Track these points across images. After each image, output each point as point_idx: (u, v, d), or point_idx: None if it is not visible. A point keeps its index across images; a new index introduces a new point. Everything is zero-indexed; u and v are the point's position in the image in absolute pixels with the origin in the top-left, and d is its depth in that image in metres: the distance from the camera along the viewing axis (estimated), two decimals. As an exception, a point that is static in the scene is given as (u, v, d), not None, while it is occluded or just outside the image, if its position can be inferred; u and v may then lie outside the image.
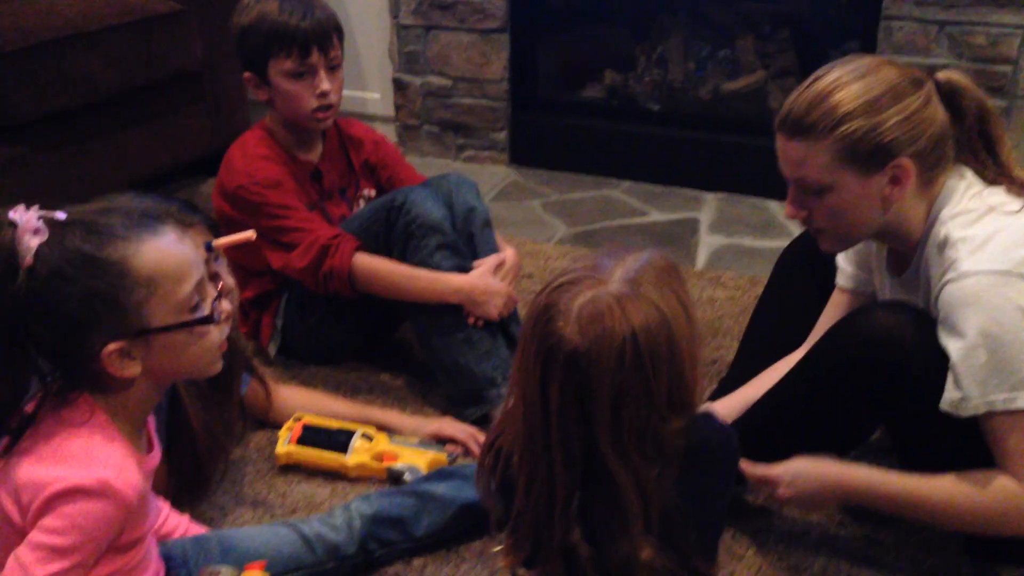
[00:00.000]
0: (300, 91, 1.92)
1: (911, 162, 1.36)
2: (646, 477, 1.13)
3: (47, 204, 1.12)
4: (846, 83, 1.37)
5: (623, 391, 1.10)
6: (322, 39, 1.90)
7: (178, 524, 1.40)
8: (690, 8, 3.10)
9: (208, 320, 1.18)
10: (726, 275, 2.45)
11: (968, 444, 1.36)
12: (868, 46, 2.76)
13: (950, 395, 1.33)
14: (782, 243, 1.90)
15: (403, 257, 1.88)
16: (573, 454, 1.12)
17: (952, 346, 1.33)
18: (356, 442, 1.71)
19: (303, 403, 1.83)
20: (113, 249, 1.10)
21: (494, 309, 1.85)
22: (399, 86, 3.23)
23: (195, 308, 1.16)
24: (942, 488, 1.37)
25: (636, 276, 1.13)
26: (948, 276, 1.34)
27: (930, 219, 1.41)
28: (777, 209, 2.86)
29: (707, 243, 2.67)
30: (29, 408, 1.12)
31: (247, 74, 1.96)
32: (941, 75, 1.41)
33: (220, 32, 2.91)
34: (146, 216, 1.15)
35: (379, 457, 1.71)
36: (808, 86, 1.40)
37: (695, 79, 3.11)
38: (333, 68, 1.94)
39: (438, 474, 1.62)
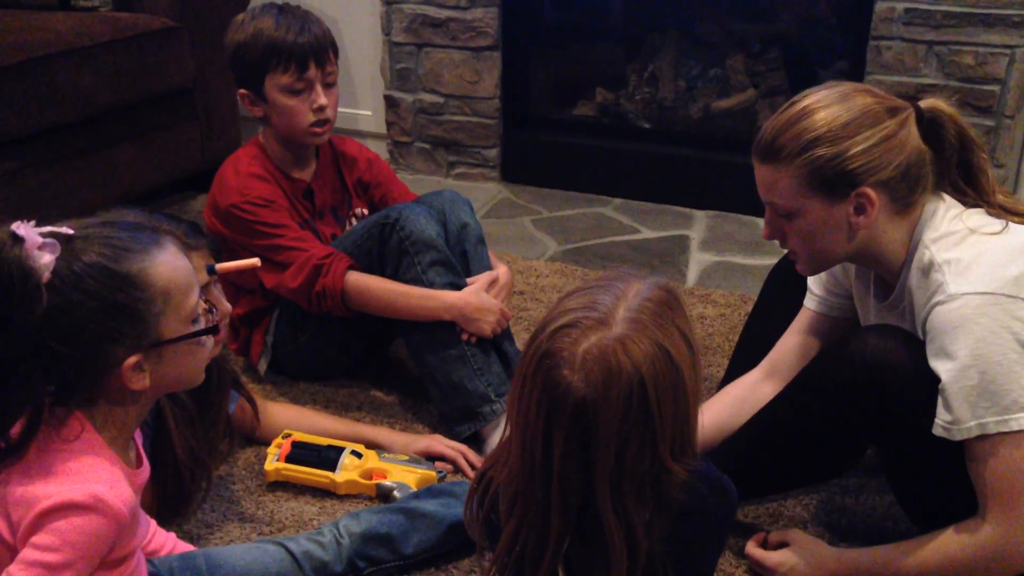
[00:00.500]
0: (297, 106, 1.91)
1: (875, 192, 1.36)
2: (637, 523, 1.11)
3: (39, 220, 1.11)
4: (817, 109, 1.38)
5: (628, 437, 1.07)
6: (319, 54, 1.90)
7: (165, 541, 1.39)
8: (681, 27, 3.12)
9: (213, 331, 1.20)
10: (716, 292, 2.46)
11: (958, 466, 1.36)
12: (857, 66, 2.77)
13: (942, 418, 1.33)
14: (772, 261, 1.91)
15: (396, 274, 1.88)
16: (571, 502, 1.10)
17: (942, 368, 1.33)
18: (345, 459, 1.71)
19: (291, 420, 1.82)
20: (130, 262, 1.11)
21: (487, 326, 1.85)
22: (391, 103, 3.24)
23: (195, 320, 1.17)
24: (937, 550, 1.38)
25: (638, 315, 1.10)
26: (936, 299, 1.34)
27: (912, 243, 1.42)
28: (767, 227, 2.86)
29: (697, 260, 2.68)
30: (16, 429, 1.11)
31: (242, 91, 1.95)
32: (924, 103, 1.41)
33: (212, 48, 2.92)
34: (149, 230, 1.16)
35: (368, 474, 1.70)
36: (782, 111, 1.41)
37: (686, 97, 3.12)
38: (329, 84, 1.94)
39: (427, 491, 1.61)
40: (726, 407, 1.66)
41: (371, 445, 1.78)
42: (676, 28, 3.12)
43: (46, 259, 1.06)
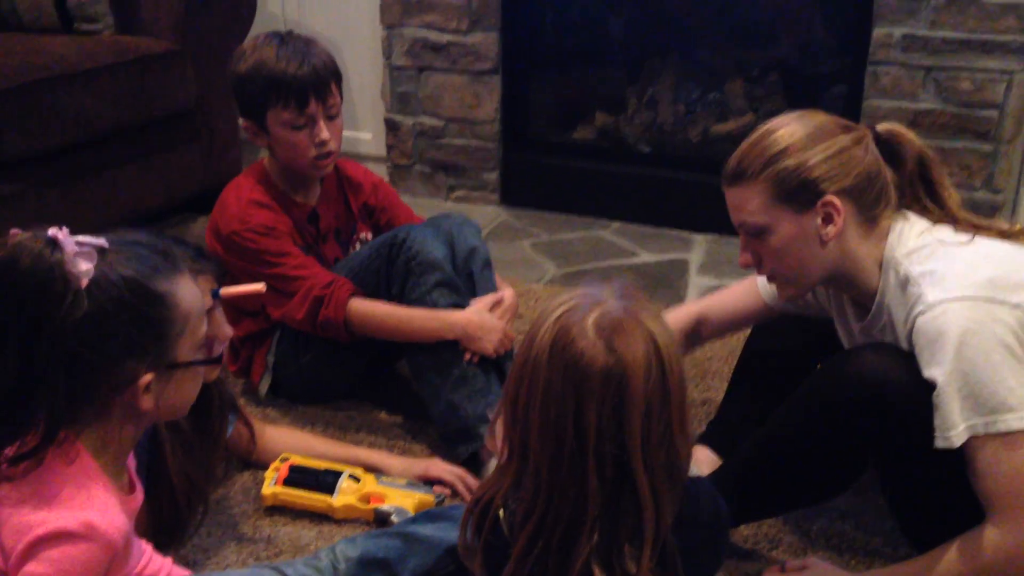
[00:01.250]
0: (299, 141, 1.91)
1: (840, 200, 1.41)
2: (666, 501, 1.11)
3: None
4: (776, 128, 1.45)
5: (651, 399, 1.09)
6: (320, 89, 1.89)
7: (161, 566, 1.38)
8: (680, 51, 3.14)
9: (218, 360, 1.20)
10: (715, 316, 2.46)
11: (959, 482, 1.36)
12: (855, 90, 2.79)
13: (938, 427, 1.34)
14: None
15: (402, 293, 1.89)
16: (607, 475, 1.10)
17: (932, 376, 1.34)
18: (343, 483, 1.71)
19: (288, 443, 1.82)
20: (159, 281, 1.12)
21: (490, 345, 1.85)
22: (391, 126, 3.25)
23: (200, 349, 1.18)
24: (947, 565, 1.37)
25: (627, 292, 1.14)
26: (917, 309, 1.37)
27: (884, 263, 1.45)
28: (766, 251, 2.87)
29: (696, 284, 2.68)
30: (10, 451, 1.11)
31: (245, 122, 1.96)
32: (881, 126, 1.48)
33: (213, 71, 2.94)
34: (169, 254, 1.17)
35: (366, 498, 1.70)
36: (745, 141, 1.48)
37: (685, 121, 3.14)
38: (332, 116, 1.92)
39: (425, 515, 1.60)
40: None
41: (369, 469, 1.78)
42: (675, 52, 3.14)
43: (84, 266, 1.07)
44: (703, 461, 1.76)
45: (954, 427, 1.32)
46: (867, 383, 1.39)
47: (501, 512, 1.17)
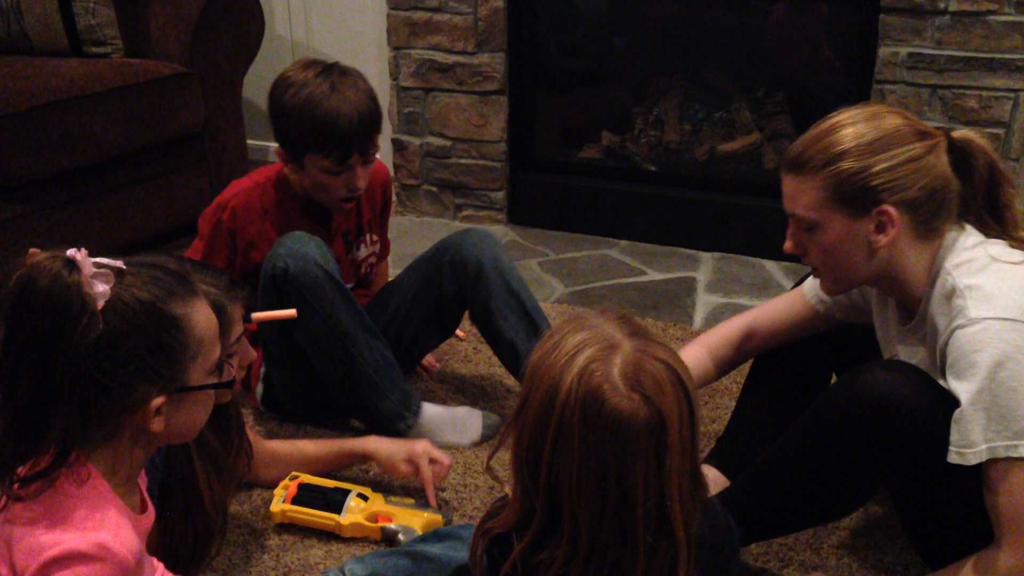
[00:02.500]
0: (333, 183, 1.92)
1: (897, 211, 1.38)
2: (693, 533, 1.10)
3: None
4: (846, 125, 1.40)
5: (684, 437, 1.08)
6: (364, 141, 1.88)
7: None
8: (686, 70, 3.15)
9: (231, 384, 1.20)
10: (723, 335, 2.45)
11: (970, 500, 1.35)
12: (861, 108, 2.79)
13: (955, 442, 1.32)
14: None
15: (299, 321, 1.87)
16: (651, 528, 1.08)
17: (959, 390, 1.33)
18: (351, 502, 1.70)
19: (279, 450, 1.82)
20: (175, 305, 1.12)
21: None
22: (398, 146, 3.27)
23: (213, 372, 1.19)
24: None
25: (632, 326, 1.12)
26: (957, 322, 1.35)
27: (933, 270, 1.42)
28: (774, 269, 2.87)
29: (704, 302, 2.68)
30: (22, 471, 1.11)
31: (279, 149, 1.96)
32: (957, 133, 1.43)
33: (221, 94, 2.96)
34: (186, 278, 1.17)
35: (374, 517, 1.70)
36: (814, 127, 1.43)
37: (691, 140, 3.14)
38: (368, 162, 1.93)
39: (433, 535, 1.60)
40: (709, 352, 1.78)
41: (360, 456, 1.79)
42: (682, 72, 3.15)
43: (100, 288, 1.07)
44: (711, 481, 1.75)
45: (973, 445, 1.31)
46: (878, 401, 1.38)
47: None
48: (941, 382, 1.40)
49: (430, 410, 1.97)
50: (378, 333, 1.95)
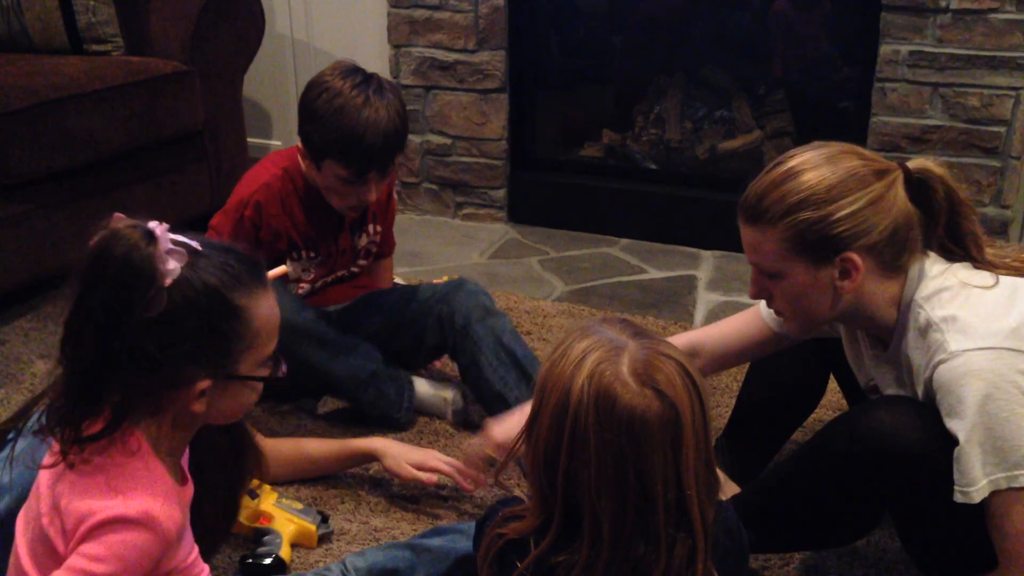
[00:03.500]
0: (347, 192, 1.92)
1: (860, 256, 1.35)
2: (710, 527, 1.11)
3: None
4: (801, 171, 1.35)
5: (698, 430, 1.08)
6: (385, 160, 1.89)
7: (203, 570, 1.37)
8: (687, 69, 3.15)
9: (278, 381, 1.22)
10: (724, 333, 2.45)
11: (975, 531, 1.34)
12: (863, 107, 2.79)
13: (958, 482, 1.30)
14: (779, 301, 1.90)
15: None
16: (672, 522, 1.08)
17: (953, 428, 1.30)
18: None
19: (285, 450, 1.81)
20: (239, 294, 1.13)
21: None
22: (399, 145, 3.26)
23: (263, 365, 1.19)
24: None
25: (634, 326, 1.13)
26: (938, 357, 1.32)
27: (904, 302, 1.39)
28: (774, 267, 2.87)
29: (705, 300, 2.68)
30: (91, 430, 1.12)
31: (301, 146, 1.95)
32: (913, 163, 1.39)
33: (222, 92, 2.96)
34: (259, 267, 1.19)
35: (255, 516, 1.67)
36: (767, 172, 1.39)
37: (692, 139, 3.14)
38: (384, 178, 1.94)
39: (433, 531, 1.60)
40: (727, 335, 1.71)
41: (367, 457, 1.79)
42: (682, 70, 3.15)
43: (172, 265, 1.09)
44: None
45: (975, 483, 1.29)
46: (882, 444, 1.35)
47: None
48: None
49: (421, 388, 2.05)
50: (351, 346, 1.98)
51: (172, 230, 1.12)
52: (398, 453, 1.77)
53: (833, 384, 1.81)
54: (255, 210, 1.97)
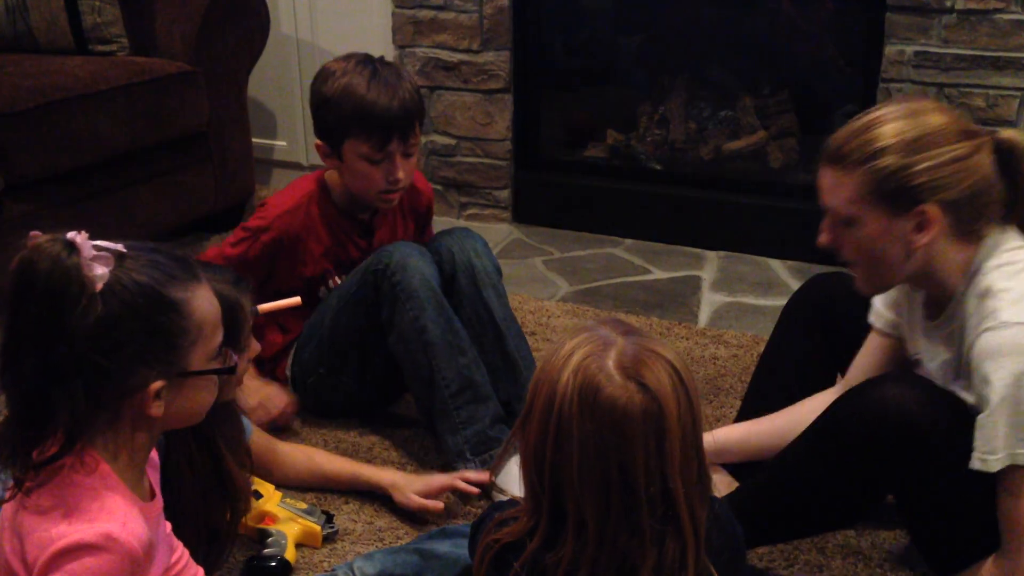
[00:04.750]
0: (372, 173, 1.89)
1: (938, 210, 1.35)
2: (701, 524, 1.11)
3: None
4: (889, 120, 1.36)
5: (685, 426, 1.09)
6: (404, 127, 1.86)
7: (196, 572, 1.37)
8: (692, 69, 3.15)
9: (232, 371, 1.21)
10: (728, 333, 2.45)
11: (979, 511, 1.34)
12: (868, 108, 2.78)
13: (977, 448, 1.31)
14: (784, 301, 1.90)
15: (392, 318, 1.87)
16: (656, 515, 1.09)
17: (984, 394, 1.31)
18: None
19: (299, 461, 1.81)
20: (175, 289, 1.12)
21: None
22: (403, 145, 3.26)
23: (214, 360, 1.18)
24: None
25: (627, 327, 1.14)
26: (986, 324, 1.32)
27: (971, 269, 1.39)
28: (779, 268, 2.87)
29: (709, 301, 2.68)
30: (36, 455, 1.11)
31: (318, 142, 1.94)
32: (1003, 134, 1.39)
33: (227, 92, 2.96)
34: (189, 263, 1.18)
35: (260, 517, 1.67)
36: (856, 119, 1.40)
37: (696, 139, 3.14)
38: (409, 154, 1.90)
39: (440, 532, 1.61)
40: (798, 420, 1.61)
41: (377, 488, 1.77)
42: (687, 70, 3.14)
43: (100, 271, 1.07)
44: (719, 482, 1.75)
45: (995, 452, 1.29)
46: (888, 417, 1.36)
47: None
48: (957, 387, 1.39)
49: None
50: (469, 351, 1.88)
51: (92, 237, 1.09)
52: (405, 485, 1.75)
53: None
54: (275, 237, 1.95)
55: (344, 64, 1.89)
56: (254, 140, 3.18)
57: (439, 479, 1.78)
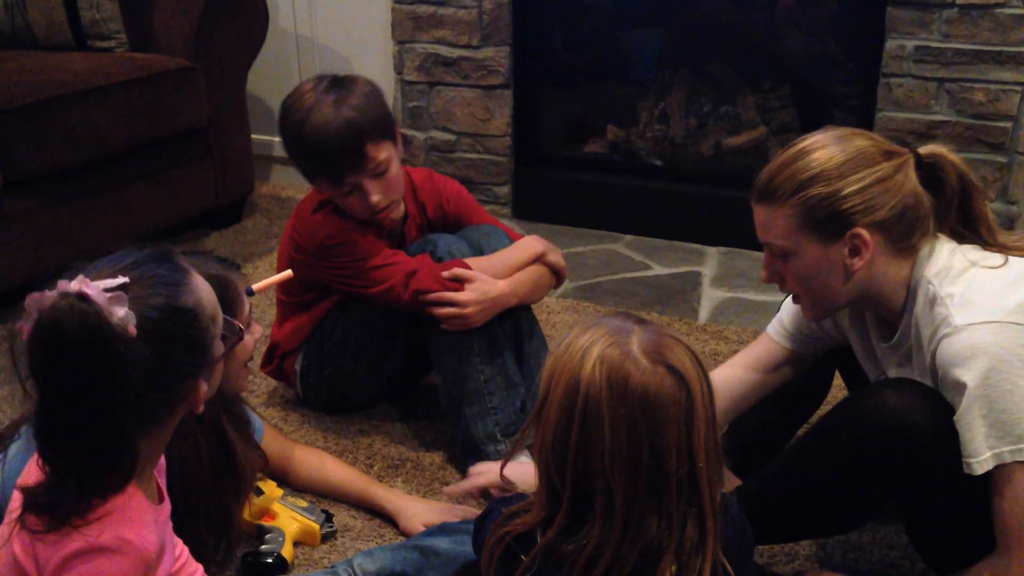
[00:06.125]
0: (350, 203, 1.85)
1: (870, 233, 1.37)
2: (719, 508, 1.13)
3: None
4: (811, 151, 1.39)
5: (708, 408, 1.11)
6: (354, 158, 1.78)
7: (194, 572, 1.36)
8: (692, 65, 3.14)
9: (240, 333, 1.23)
10: (729, 329, 2.45)
11: (977, 513, 1.34)
12: (868, 103, 2.78)
13: (964, 453, 1.31)
14: (783, 297, 1.90)
15: None
16: (683, 495, 1.10)
17: (955, 402, 1.32)
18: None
19: (312, 467, 1.81)
20: (184, 297, 1.11)
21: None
22: (403, 141, 3.25)
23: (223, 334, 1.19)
24: None
25: (638, 318, 1.15)
26: (943, 331, 1.34)
27: (912, 282, 1.41)
28: (779, 263, 2.86)
29: (709, 297, 2.67)
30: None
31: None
32: (924, 149, 1.42)
33: (226, 88, 2.96)
34: (165, 258, 1.16)
35: (260, 513, 1.67)
36: (780, 154, 1.43)
37: (697, 135, 3.13)
38: (379, 174, 1.82)
39: (440, 529, 1.60)
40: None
41: (382, 510, 1.75)
42: (687, 66, 3.14)
43: (121, 312, 1.03)
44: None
45: (977, 454, 1.30)
46: (889, 426, 1.35)
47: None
48: None
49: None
50: (502, 340, 1.88)
51: (88, 275, 1.05)
52: (414, 514, 1.72)
53: (838, 380, 1.80)
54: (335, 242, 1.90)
55: (295, 99, 1.83)
56: (253, 136, 3.17)
57: (450, 510, 1.74)
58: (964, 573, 1.37)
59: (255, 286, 1.50)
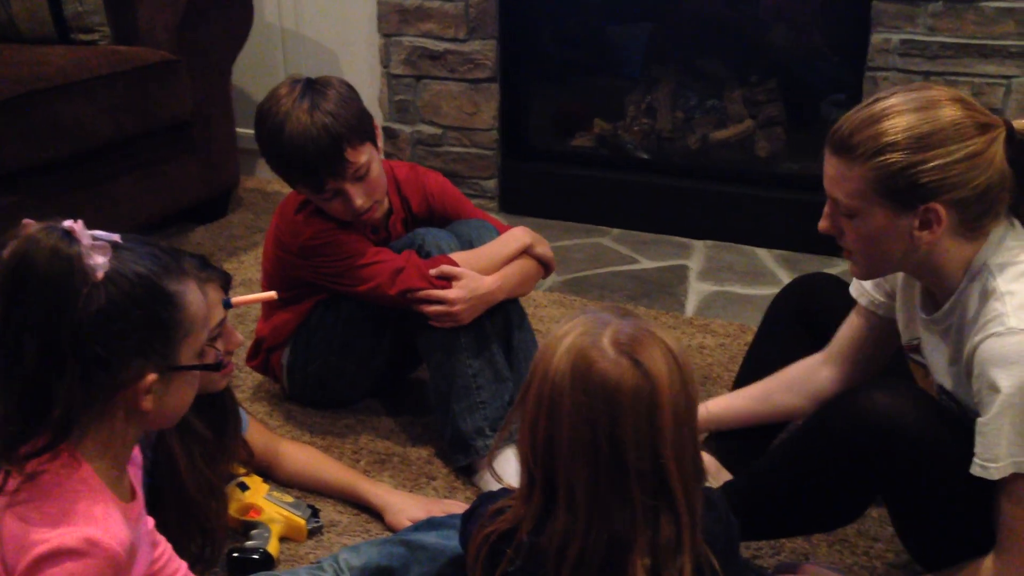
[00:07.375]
0: (332, 207, 1.84)
1: (946, 209, 1.30)
2: (696, 505, 1.11)
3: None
4: (900, 112, 1.30)
5: (678, 407, 1.09)
6: (331, 164, 1.76)
7: (178, 568, 1.36)
8: (679, 58, 3.14)
9: (218, 367, 1.20)
10: (715, 322, 2.45)
11: (967, 516, 1.34)
12: (854, 96, 2.78)
13: (979, 455, 1.29)
14: (771, 291, 1.91)
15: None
16: (647, 490, 1.09)
17: (985, 400, 1.29)
18: (227, 490, 1.65)
19: (299, 461, 1.80)
20: (170, 280, 1.11)
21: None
22: (390, 135, 3.25)
23: (199, 355, 1.17)
24: None
25: (626, 311, 1.14)
26: (992, 329, 1.29)
27: (974, 265, 1.35)
28: (766, 257, 2.87)
29: (696, 290, 2.68)
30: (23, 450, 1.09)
31: None
32: (1018, 123, 1.32)
33: (211, 81, 2.94)
34: (179, 257, 1.17)
35: (245, 510, 1.66)
36: (865, 106, 1.35)
37: (684, 128, 3.14)
38: (360, 177, 1.80)
39: (427, 523, 1.59)
40: (782, 384, 1.67)
41: (370, 505, 1.75)
42: (674, 60, 3.14)
43: (99, 259, 1.05)
44: (709, 471, 1.74)
45: (997, 460, 1.27)
46: (880, 426, 1.34)
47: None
48: (960, 383, 1.38)
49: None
50: (492, 334, 1.88)
51: (88, 226, 1.07)
52: (400, 509, 1.71)
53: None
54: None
55: (270, 105, 1.82)
56: (238, 130, 3.16)
57: (436, 505, 1.74)
58: (959, 569, 1.37)
59: (234, 300, 1.49)
